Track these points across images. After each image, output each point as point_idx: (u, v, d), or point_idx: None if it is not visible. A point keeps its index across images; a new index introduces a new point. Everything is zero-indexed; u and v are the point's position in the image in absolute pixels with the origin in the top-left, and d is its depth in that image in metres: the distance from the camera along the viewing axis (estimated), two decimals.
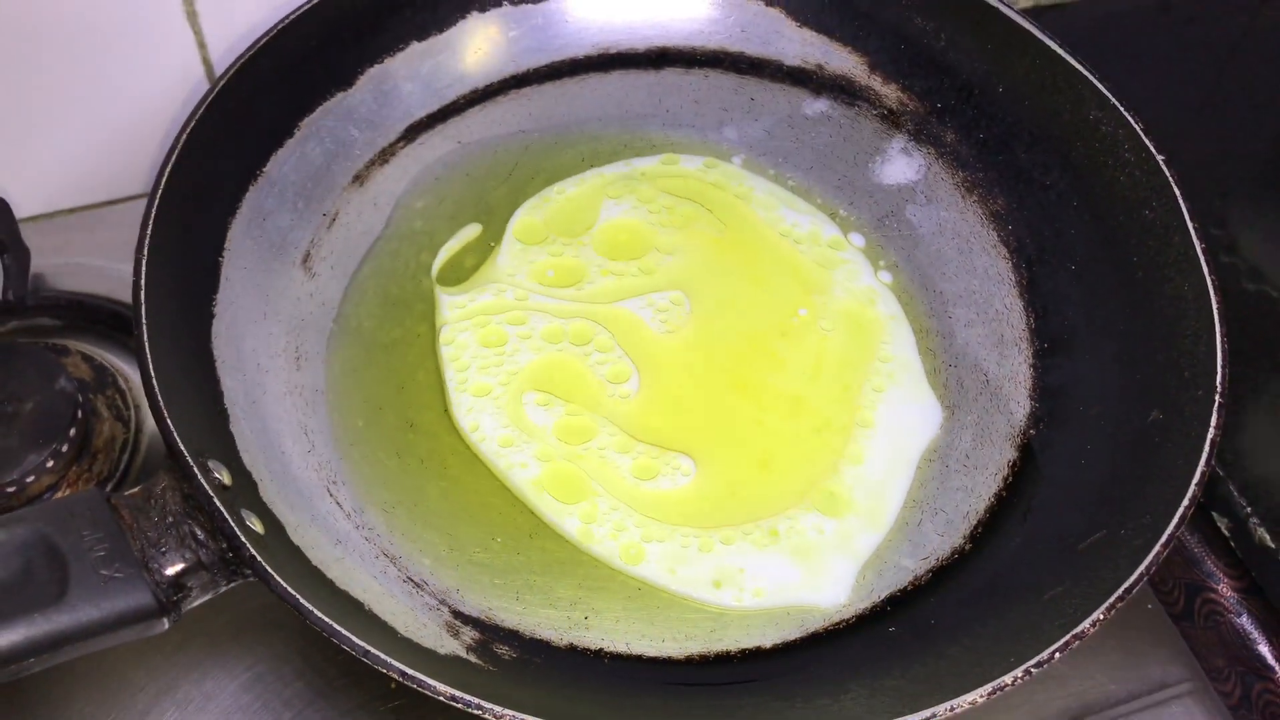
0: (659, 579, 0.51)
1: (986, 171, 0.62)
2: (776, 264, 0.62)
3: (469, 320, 0.59)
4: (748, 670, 0.49)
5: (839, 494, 0.55)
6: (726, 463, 0.55)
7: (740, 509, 0.54)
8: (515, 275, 0.61)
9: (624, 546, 0.52)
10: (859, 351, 0.59)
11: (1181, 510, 0.45)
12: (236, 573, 0.43)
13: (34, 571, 0.40)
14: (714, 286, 0.61)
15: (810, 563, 0.52)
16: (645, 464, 0.55)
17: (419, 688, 0.39)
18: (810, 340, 0.59)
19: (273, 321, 0.56)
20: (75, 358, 0.62)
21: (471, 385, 0.57)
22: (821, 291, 0.61)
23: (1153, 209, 0.54)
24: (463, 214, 0.63)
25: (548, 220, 0.63)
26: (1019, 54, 0.59)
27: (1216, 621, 0.58)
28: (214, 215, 0.56)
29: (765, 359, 0.58)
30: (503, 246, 0.62)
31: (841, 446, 0.56)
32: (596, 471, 0.54)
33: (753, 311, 0.60)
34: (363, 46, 0.62)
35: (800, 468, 0.55)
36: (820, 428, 0.56)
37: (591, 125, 0.66)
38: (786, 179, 0.65)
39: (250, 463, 0.49)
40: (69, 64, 0.64)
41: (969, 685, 0.42)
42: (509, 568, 0.51)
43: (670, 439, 0.56)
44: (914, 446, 0.56)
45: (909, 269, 0.62)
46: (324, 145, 0.61)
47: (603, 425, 0.56)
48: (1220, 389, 0.48)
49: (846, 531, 0.53)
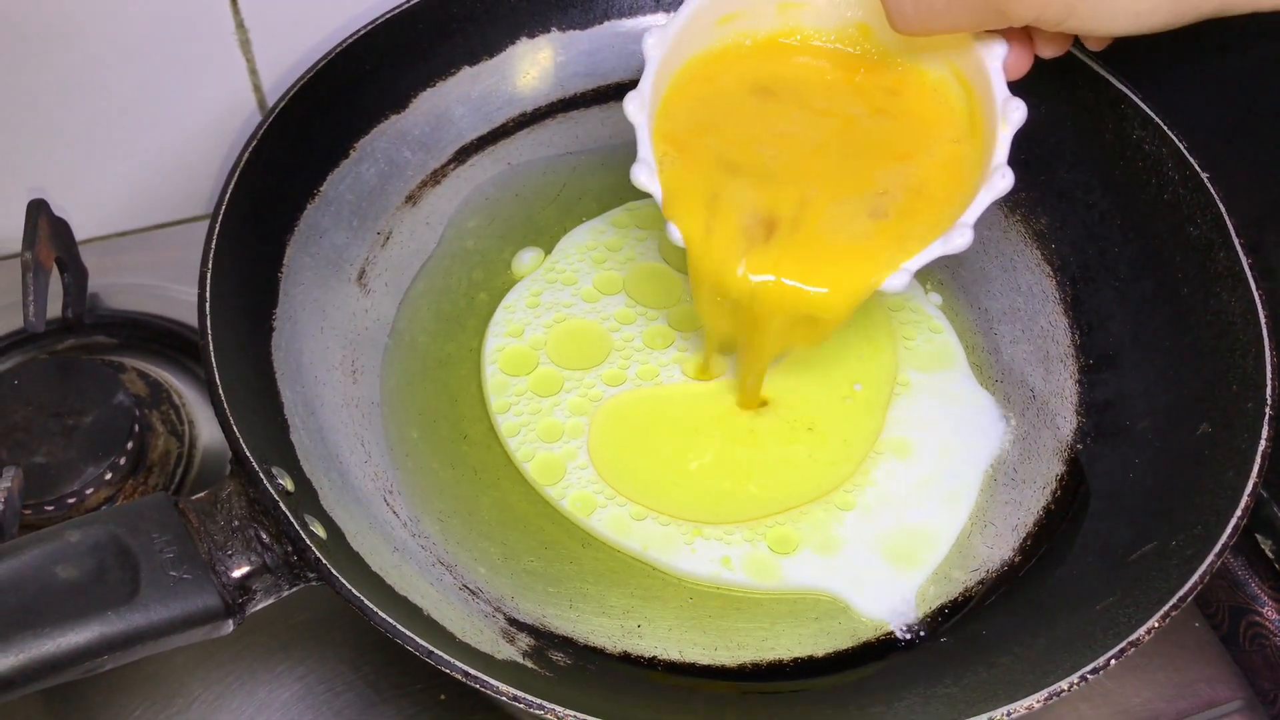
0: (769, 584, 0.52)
1: (1029, 191, 0.63)
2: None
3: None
4: (800, 679, 0.49)
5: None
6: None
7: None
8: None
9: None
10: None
11: (1235, 520, 0.45)
12: (300, 576, 0.44)
13: (107, 572, 0.41)
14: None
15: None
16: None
17: (482, 688, 0.40)
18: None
19: (329, 335, 0.57)
20: (131, 374, 0.63)
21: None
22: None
23: (1197, 225, 0.55)
24: (513, 234, 0.64)
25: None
26: (1059, 74, 0.60)
27: (1262, 644, 0.58)
28: (273, 233, 0.57)
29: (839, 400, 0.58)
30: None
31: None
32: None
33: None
34: (416, 71, 0.64)
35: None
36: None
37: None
38: None
39: (310, 471, 0.50)
40: (126, 92, 0.66)
41: (1023, 692, 0.42)
42: (562, 576, 0.52)
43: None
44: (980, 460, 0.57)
45: (954, 287, 0.62)
46: (378, 166, 0.62)
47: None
48: (1271, 401, 0.48)
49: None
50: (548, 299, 0.61)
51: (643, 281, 0.62)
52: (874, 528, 0.54)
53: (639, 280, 0.62)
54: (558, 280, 0.62)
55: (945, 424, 0.57)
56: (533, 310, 0.61)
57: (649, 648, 0.50)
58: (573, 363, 0.59)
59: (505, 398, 0.57)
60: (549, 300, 0.61)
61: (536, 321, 0.60)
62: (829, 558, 0.53)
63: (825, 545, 0.53)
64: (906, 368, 0.59)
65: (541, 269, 0.62)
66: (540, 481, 0.54)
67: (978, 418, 0.58)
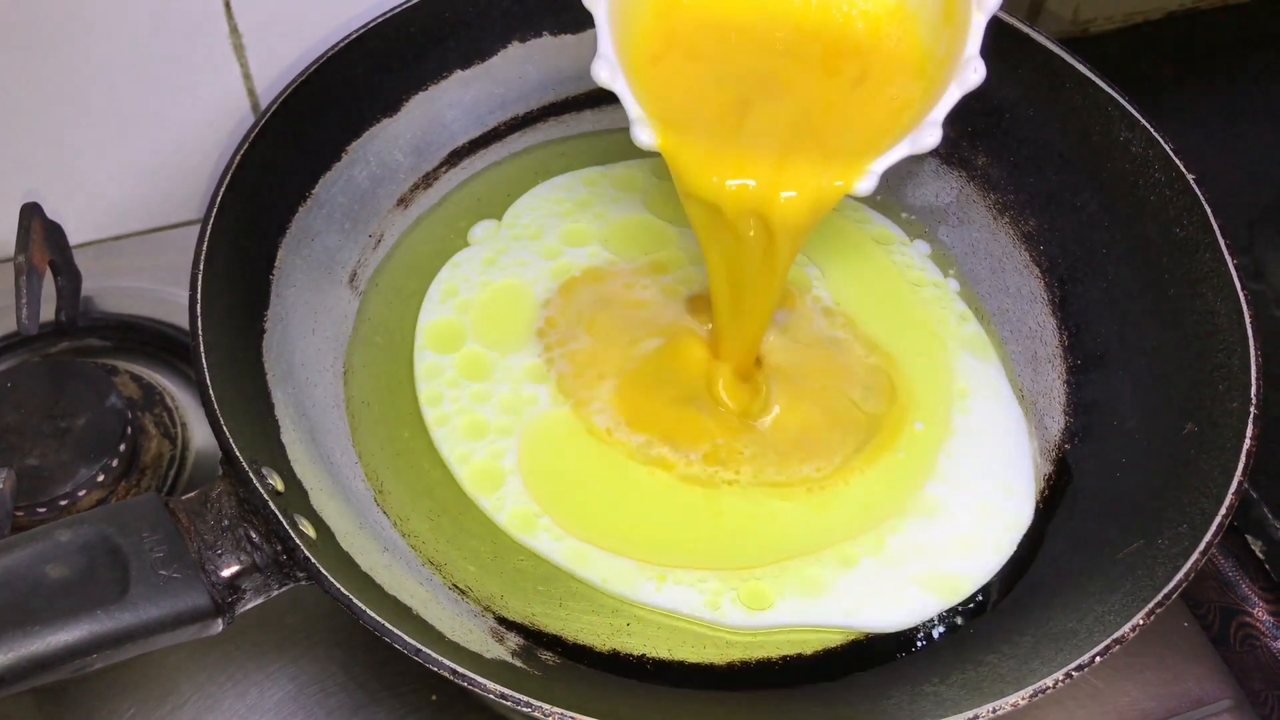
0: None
1: (1018, 193, 0.63)
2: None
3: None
4: (789, 676, 0.49)
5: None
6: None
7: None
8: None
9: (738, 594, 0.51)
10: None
11: (1220, 518, 0.46)
12: (289, 575, 0.44)
13: (97, 571, 0.41)
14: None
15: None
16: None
17: (469, 685, 0.40)
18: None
19: (321, 337, 0.58)
20: (124, 377, 0.64)
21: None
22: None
23: (1183, 227, 0.55)
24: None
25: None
26: (1048, 78, 0.60)
27: (1253, 645, 0.58)
28: (265, 235, 0.57)
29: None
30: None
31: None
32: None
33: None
34: (408, 75, 0.64)
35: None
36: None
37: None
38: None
39: (301, 471, 0.50)
40: (121, 97, 0.67)
41: (1009, 689, 0.42)
42: (551, 575, 0.52)
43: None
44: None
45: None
46: (370, 169, 0.63)
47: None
48: (1255, 400, 0.49)
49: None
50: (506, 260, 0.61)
51: (625, 233, 0.62)
52: (878, 581, 0.52)
53: (620, 232, 0.62)
54: (523, 236, 0.62)
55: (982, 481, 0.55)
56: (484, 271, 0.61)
57: (638, 646, 0.50)
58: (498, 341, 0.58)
59: (434, 385, 0.56)
60: (506, 261, 0.61)
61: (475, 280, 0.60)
62: (820, 598, 0.51)
63: (812, 589, 0.51)
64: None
65: (498, 235, 0.63)
66: (475, 490, 0.53)
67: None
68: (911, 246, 0.64)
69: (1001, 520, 0.54)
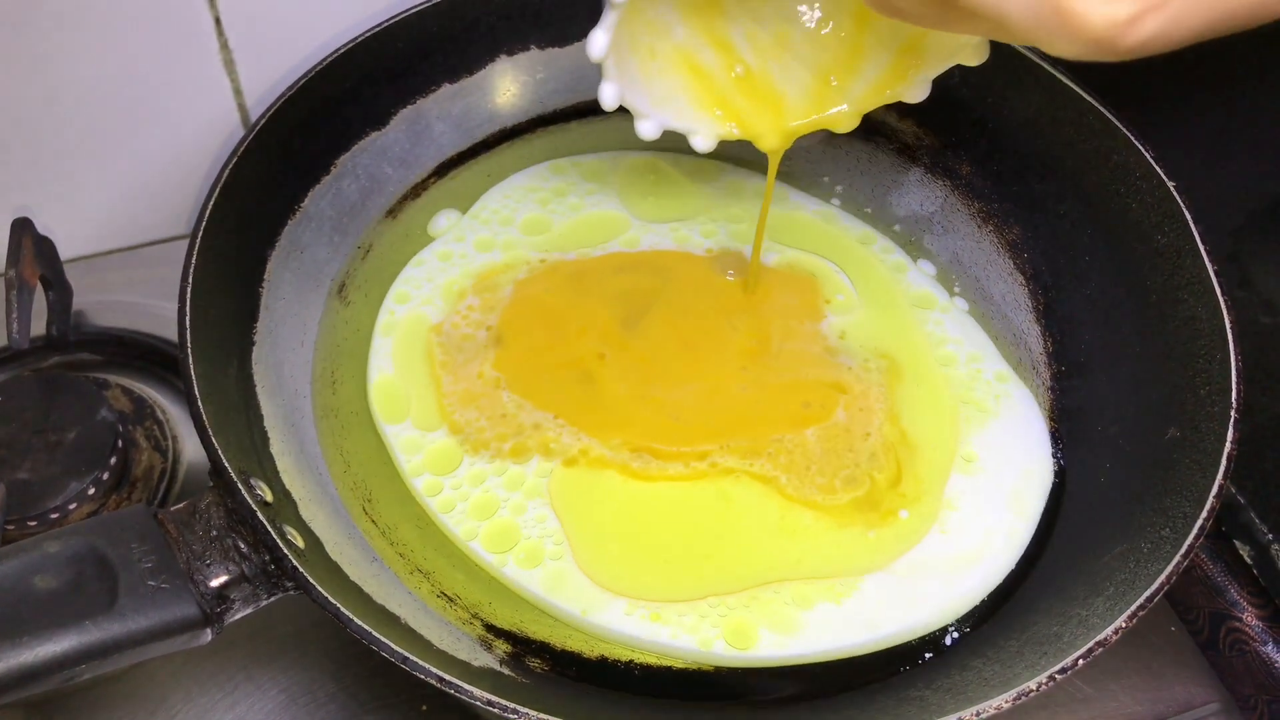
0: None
1: (1002, 202, 0.63)
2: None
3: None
4: (775, 680, 0.49)
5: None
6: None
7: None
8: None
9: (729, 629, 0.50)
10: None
11: (1201, 521, 0.46)
12: (278, 585, 0.44)
13: (85, 582, 0.41)
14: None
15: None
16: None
17: (456, 693, 0.40)
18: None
19: (310, 348, 0.58)
20: (115, 391, 0.64)
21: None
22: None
23: (1164, 234, 0.56)
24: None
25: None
26: (1031, 88, 0.61)
27: (1243, 650, 0.58)
28: (254, 248, 0.57)
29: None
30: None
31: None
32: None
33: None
34: (396, 88, 0.65)
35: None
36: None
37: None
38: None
39: (290, 482, 0.50)
40: (112, 112, 0.67)
41: (992, 693, 0.42)
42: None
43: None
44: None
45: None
46: (359, 182, 0.63)
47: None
48: (1236, 405, 0.49)
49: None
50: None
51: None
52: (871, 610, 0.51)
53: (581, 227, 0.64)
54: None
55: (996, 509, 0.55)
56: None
57: (626, 653, 0.50)
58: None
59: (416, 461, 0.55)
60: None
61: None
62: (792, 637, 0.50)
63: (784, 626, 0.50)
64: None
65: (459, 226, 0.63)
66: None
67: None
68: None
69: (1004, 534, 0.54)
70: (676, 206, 0.66)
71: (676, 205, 0.66)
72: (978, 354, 0.60)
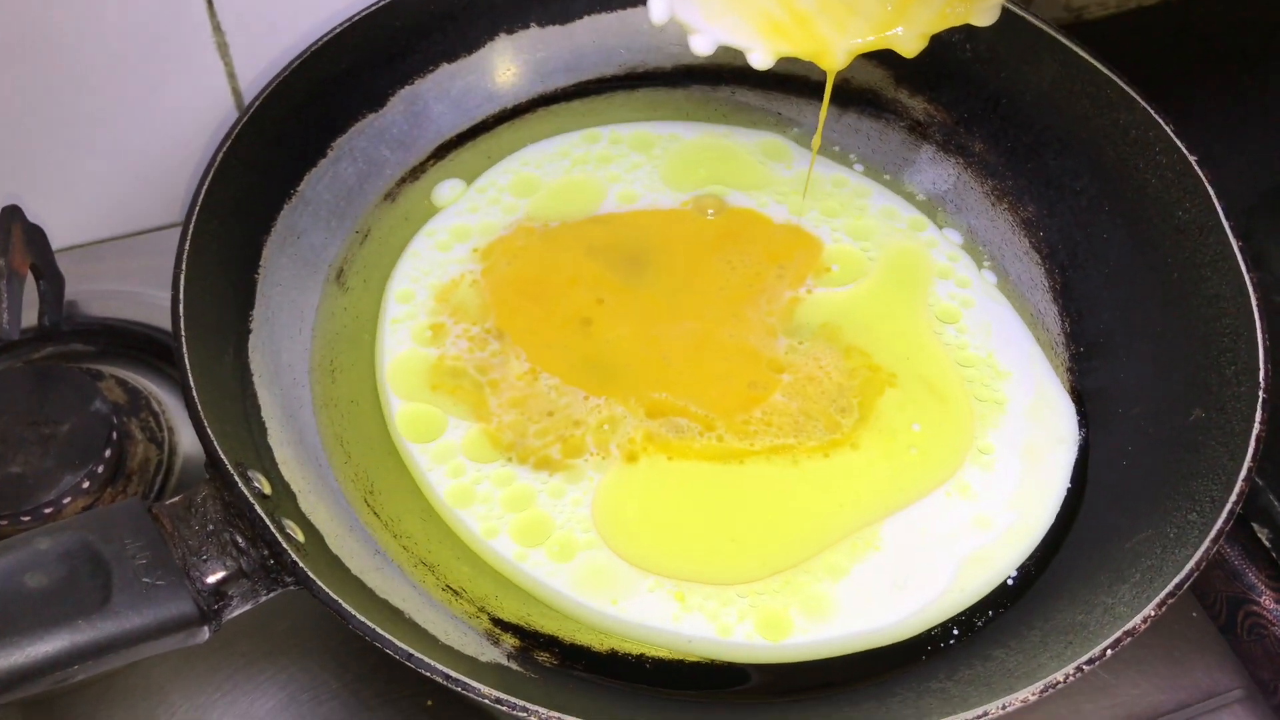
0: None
1: (1016, 179, 0.62)
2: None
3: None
4: (795, 673, 0.48)
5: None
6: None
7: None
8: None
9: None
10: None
11: (1230, 505, 0.45)
12: (277, 580, 0.43)
13: (78, 579, 0.40)
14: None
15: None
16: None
17: (463, 690, 0.39)
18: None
19: (308, 336, 0.57)
20: (110, 382, 0.62)
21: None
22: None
23: (1186, 210, 0.54)
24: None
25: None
26: (1045, 61, 0.60)
27: (1261, 635, 0.57)
28: (249, 234, 0.56)
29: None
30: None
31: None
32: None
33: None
34: (393, 69, 0.64)
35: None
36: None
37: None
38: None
39: (289, 474, 0.49)
40: (104, 98, 0.65)
41: (1018, 684, 0.41)
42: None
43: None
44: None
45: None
46: (356, 165, 0.62)
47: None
48: (1264, 384, 0.48)
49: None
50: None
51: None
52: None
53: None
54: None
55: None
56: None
57: (637, 646, 0.49)
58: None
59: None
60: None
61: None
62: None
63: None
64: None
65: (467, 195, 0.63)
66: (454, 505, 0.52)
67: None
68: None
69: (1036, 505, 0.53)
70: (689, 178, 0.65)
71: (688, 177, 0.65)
72: (991, 327, 0.59)
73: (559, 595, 0.49)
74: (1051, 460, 0.54)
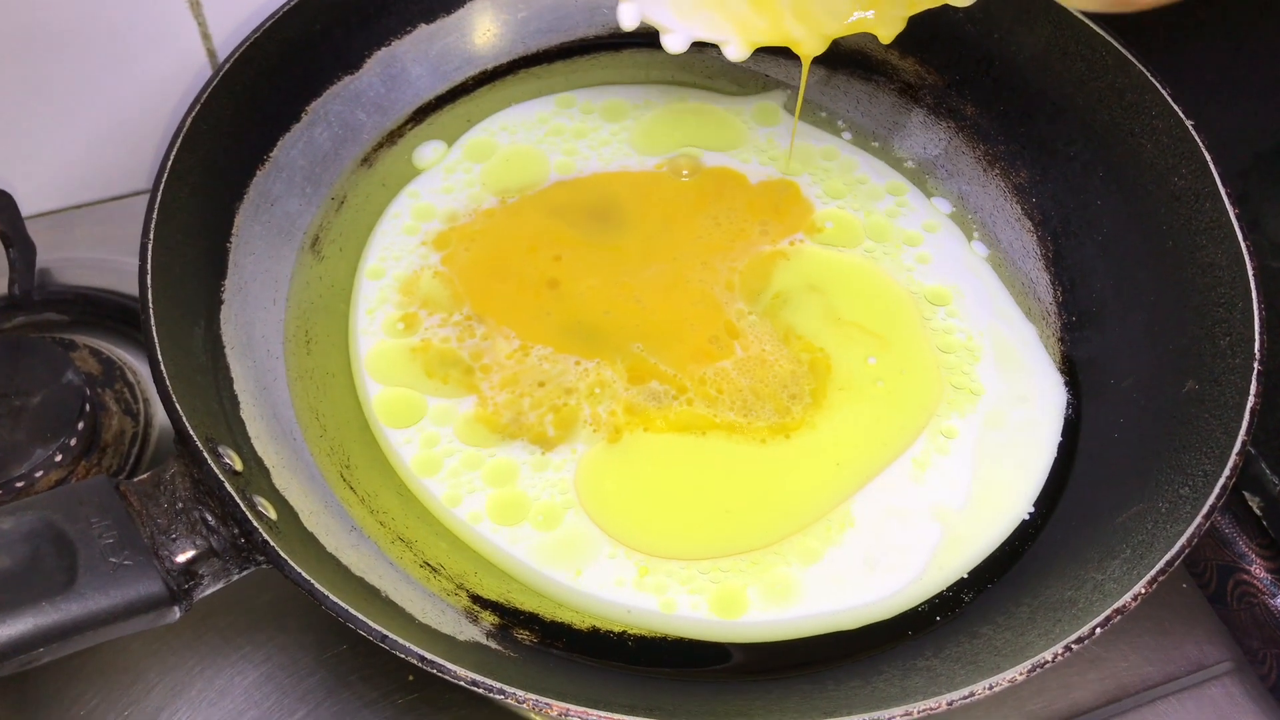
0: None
1: (1008, 144, 0.61)
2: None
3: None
4: (778, 651, 0.48)
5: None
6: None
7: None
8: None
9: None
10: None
11: (1223, 480, 0.44)
12: (249, 559, 0.42)
13: (41, 560, 0.39)
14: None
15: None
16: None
17: (439, 672, 0.38)
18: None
19: (283, 306, 0.56)
20: (83, 352, 0.61)
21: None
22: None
23: (1181, 176, 0.53)
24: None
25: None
26: (1039, 22, 0.58)
27: (1250, 603, 0.57)
28: (221, 201, 0.55)
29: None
30: None
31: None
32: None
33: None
34: (369, 30, 0.62)
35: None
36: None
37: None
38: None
39: (262, 449, 0.48)
40: (74, 60, 0.64)
41: (1006, 663, 0.40)
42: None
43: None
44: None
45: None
46: (331, 129, 0.60)
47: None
48: (1259, 355, 0.47)
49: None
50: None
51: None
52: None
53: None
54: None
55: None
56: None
57: (619, 624, 0.48)
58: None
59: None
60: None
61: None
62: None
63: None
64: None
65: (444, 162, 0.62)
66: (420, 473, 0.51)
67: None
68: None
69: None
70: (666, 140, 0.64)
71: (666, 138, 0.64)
72: (976, 291, 0.58)
73: (523, 566, 0.49)
74: (1035, 433, 0.54)
